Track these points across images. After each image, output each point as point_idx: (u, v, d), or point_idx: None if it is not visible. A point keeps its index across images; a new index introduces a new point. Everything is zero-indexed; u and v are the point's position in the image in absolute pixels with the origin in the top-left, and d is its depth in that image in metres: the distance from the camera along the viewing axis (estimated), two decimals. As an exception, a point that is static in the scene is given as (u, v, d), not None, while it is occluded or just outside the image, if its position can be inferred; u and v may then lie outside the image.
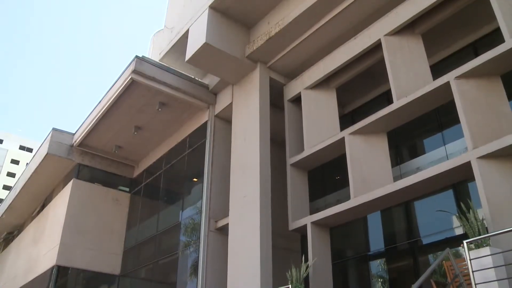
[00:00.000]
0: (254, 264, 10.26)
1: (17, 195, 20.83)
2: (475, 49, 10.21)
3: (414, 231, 9.79)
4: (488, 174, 7.54)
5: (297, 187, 11.58)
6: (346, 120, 12.44)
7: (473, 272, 6.05)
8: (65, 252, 15.95)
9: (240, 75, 13.20)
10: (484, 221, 6.98)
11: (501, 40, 8.07)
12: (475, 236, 6.55)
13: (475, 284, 5.96)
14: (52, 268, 15.87)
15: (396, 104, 9.60)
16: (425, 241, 9.54)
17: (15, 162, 77.61)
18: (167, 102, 14.58)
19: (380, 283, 10.26)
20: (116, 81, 14.42)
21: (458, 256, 7.55)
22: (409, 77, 9.78)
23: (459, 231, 8.39)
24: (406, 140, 11.43)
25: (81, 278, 16.89)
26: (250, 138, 12.04)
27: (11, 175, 73.47)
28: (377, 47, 10.66)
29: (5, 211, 22.63)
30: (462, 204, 7.32)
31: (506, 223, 6.76)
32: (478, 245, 6.33)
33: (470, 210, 7.03)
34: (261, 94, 12.41)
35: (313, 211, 11.20)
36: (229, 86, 13.96)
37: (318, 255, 10.21)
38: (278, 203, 11.52)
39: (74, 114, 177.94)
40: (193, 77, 14.75)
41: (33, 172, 18.55)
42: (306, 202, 11.53)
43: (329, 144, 11.01)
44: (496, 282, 5.90)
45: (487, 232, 6.63)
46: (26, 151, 79.28)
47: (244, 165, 11.94)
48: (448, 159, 8.95)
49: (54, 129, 17.40)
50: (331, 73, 11.83)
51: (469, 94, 8.45)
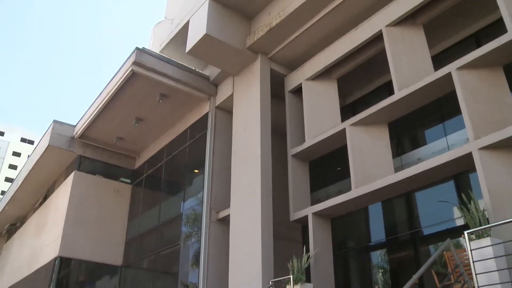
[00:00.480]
0: (256, 255, 10.31)
1: (19, 187, 20.91)
2: (477, 40, 10.15)
3: (415, 222, 9.81)
4: (490, 165, 7.53)
5: (298, 178, 11.59)
6: (347, 111, 12.44)
7: (474, 263, 6.06)
8: (68, 244, 16.06)
9: (241, 66, 13.16)
10: (485, 212, 6.99)
11: (504, 30, 8.01)
12: (476, 227, 6.54)
13: (476, 274, 5.98)
14: (55, 259, 15.99)
15: (397, 95, 9.57)
16: (426, 232, 9.56)
17: (17, 154, 77.84)
18: (168, 94, 14.56)
19: (381, 274, 10.31)
20: (117, 73, 14.40)
21: (459, 247, 7.57)
22: (411, 68, 9.75)
23: (460, 222, 8.40)
24: (407, 131, 11.41)
25: (84, 269, 17.01)
26: (251, 129, 12.04)
27: (13, 167, 73.72)
28: (378, 38, 10.60)
29: (8, 203, 22.74)
30: (463, 195, 7.33)
31: (507, 214, 6.77)
32: (479, 236, 6.33)
33: (471, 201, 7.02)
34: (262, 85, 12.38)
35: (314, 202, 11.23)
36: (230, 77, 13.93)
37: (319, 246, 10.25)
38: (280, 194, 11.54)
39: (75, 106, 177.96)
40: (194, 69, 14.71)
41: (35, 164, 18.61)
42: (307, 193, 11.54)
43: (330, 135, 11.00)
44: (497, 272, 5.91)
45: (488, 223, 6.64)
46: (28, 143, 79.48)
47: (245, 156, 11.95)
48: (450, 150, 8.94)
49: (55, 121, 17.42)
50: (332, 64, 11.79)
51: (471, 85, 8.41)
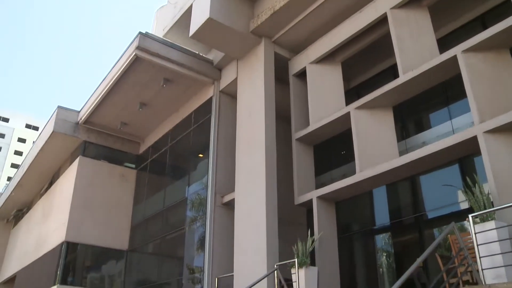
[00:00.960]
0: (260, 238, 10.37)
1: (25, 173, 21.07)
2: (484, 22, 10.00)
3: (420, 206, 9.82)
4: (495, 149, 7.50)
5: (303, 162, 11.59)
6: (352, 95, 12.35)
7: (478, 246, 6.09)
8: (74, 229, 16.23)
9: (245, 50, 13.07)
10: (490, 195, 6.99)
11: (510, 12, 7.91)
12: (481, 210, 6.55)
13: (480, 258, 6.02)
14: (62, 244, 16.18)
15: (402, 78, 9.51)
16: (431, 215, 9.57)
17: (22, 141, 78.30)
18: (172, 78, 14.53)
19: (385, 257, 10.36)
20: (120, 58, 14.36)
21: (463, 230, 7.57)
22: (416, 51, 9.65)
23: (465, 206, 8.42)
24: (412, 115, 11.35)
25: (90, 254, 17.20)
26: (256, 113, 12.01)
27: (19, 153, 74.25)
28: (383, 21, 10.48)
29: (14, 189, 22.95)
30: (468, 179, 7.31)
31: (512, 197, 6.77)
32: (483, 219, 6.34)
33: (476, 185, 7.02)
34: (266, 69, 12.31)
35: (319, 186, 11.24)
36: (234, 62, 13.85)
37: (324, 229, 10.30)
38: (284, 178, 11.57)
39: (80, 92, 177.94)
40: (198, 53, 14.62)
41: (40, 150, 18.72)
42: (312, 177, 11.56)
43: (335, 119, 10.96)
44: (501, 255, 5.93)
45: (493, 206, 6.63)
46: (33, 130, 79.89)
47: (250, 140, 11.95)
48: (454, 134, 8.91)
49: (60, 107, 17.46)
50: (337, 48, 11.68)
51: (477, 68, 8.33)
